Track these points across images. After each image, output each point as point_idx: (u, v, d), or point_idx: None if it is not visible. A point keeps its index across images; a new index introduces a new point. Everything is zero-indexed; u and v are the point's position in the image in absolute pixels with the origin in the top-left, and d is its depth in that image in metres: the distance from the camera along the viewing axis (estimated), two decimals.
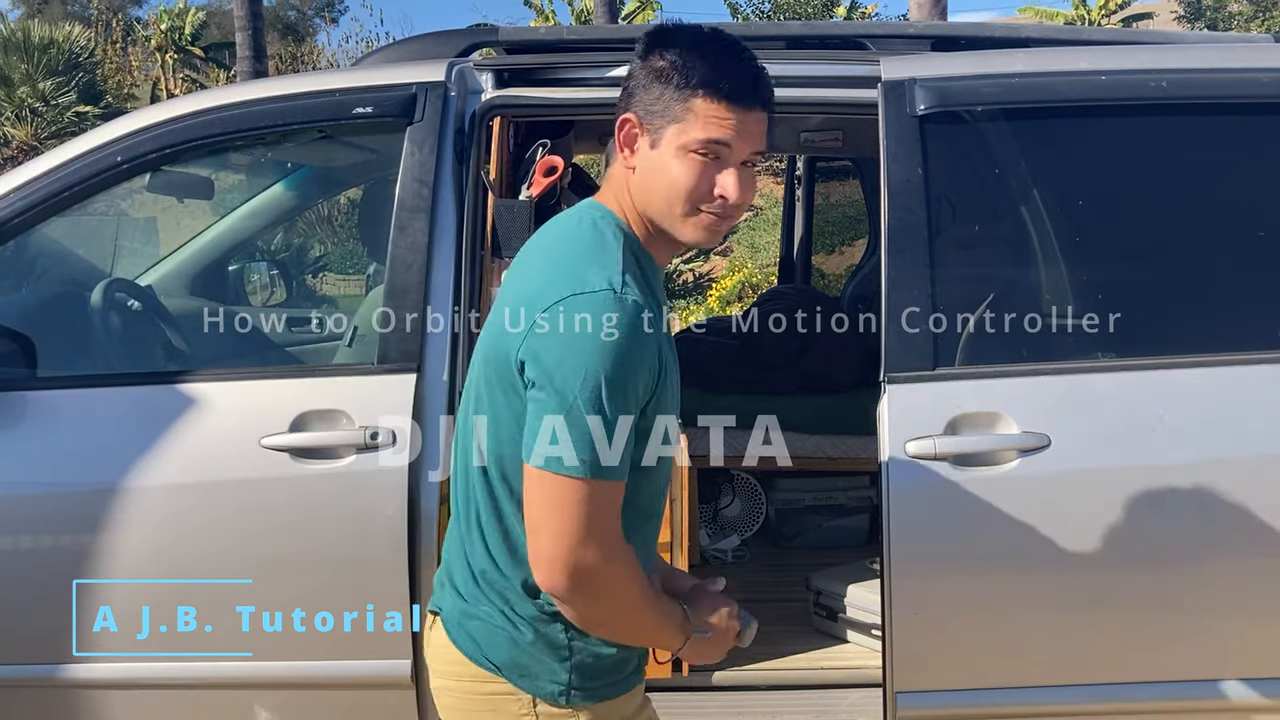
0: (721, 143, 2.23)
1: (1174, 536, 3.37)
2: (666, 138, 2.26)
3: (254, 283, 5.72)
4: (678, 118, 2.25)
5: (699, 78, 2.23)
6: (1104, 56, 3.74)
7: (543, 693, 2.33)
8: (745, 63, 2.27)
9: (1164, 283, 3.64)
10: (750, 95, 2.24)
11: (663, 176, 2.26)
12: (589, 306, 2.15)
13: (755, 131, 2.26)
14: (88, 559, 3.45)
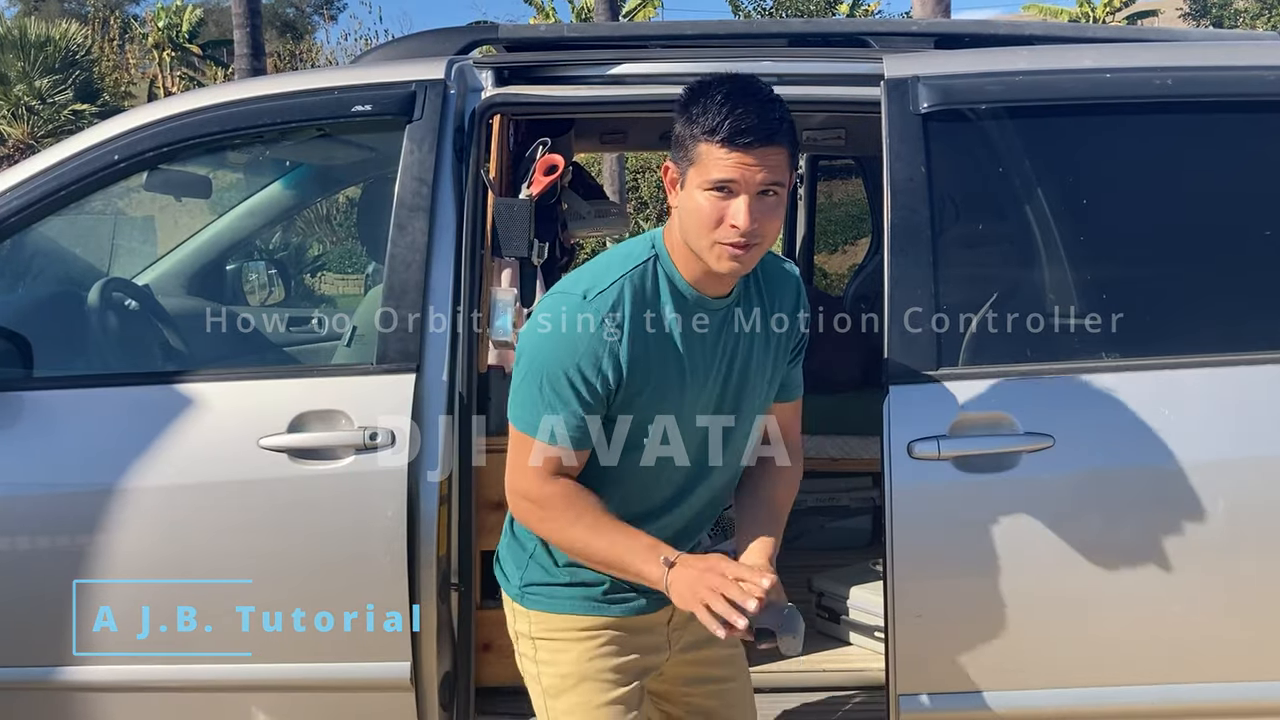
0: (728, 180, 2.55)
1: (1180, 538, 3.36)
2: (689, 179, 2.62)
3: (252, 282, 5.73)
4: (694, 161, 2.60)
5: (703, 126, 2.57)
6: (1108, 54, 3.74)
7: (510, 591, 2.99)
8: (748, 108, 2.54)
9: (1169, 282, 3.64)
10: (749, 137, 2.53)
11: (690, 213, 2.62)
12: (547, 304, 2.74)
13: (764, 166, 2.55)
14: (85, 560, 3.45)
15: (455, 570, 3.60)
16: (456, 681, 3.64)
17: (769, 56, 3.86)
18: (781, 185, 2.59)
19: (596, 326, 2.65)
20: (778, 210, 2.62)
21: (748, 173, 2.54)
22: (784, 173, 2.60)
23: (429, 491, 3.46)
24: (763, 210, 2.58)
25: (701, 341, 2.78)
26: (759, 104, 2.57)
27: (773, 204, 2.60)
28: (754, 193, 2.56)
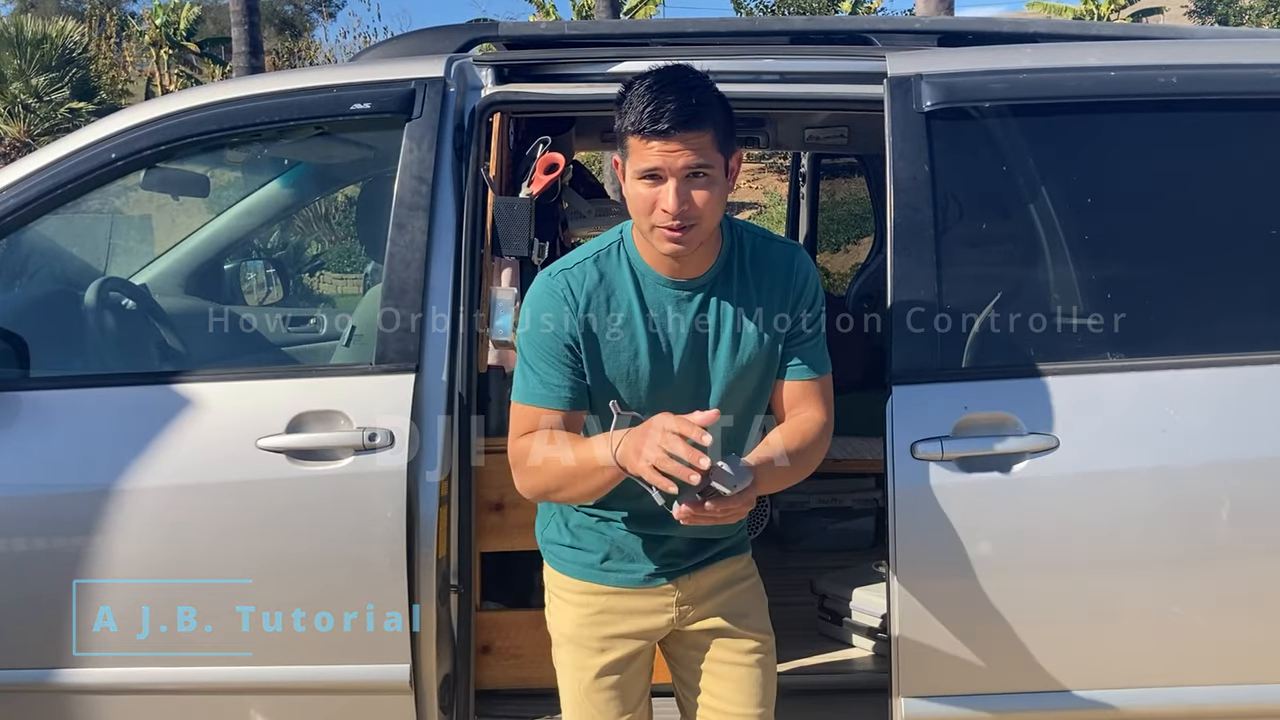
0: (653, 169, 2.73)
1: (1185, 539, 3.37)
2: (627, 170, 2.82)
3: (250, 282, 5.73)
4: (628, 153, 2.79)
5: (626, 122, 2.75)
6: (1113, 52, 3.73)
7: (539, 542, 3.20)
8: (666, 97, 2.70)
9: (1174, 282, 3.64)
10: (665, 124, 2.69)
11: (631, 201, 2.81)
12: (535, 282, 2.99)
13: (686, 150, 2.71)
14: (83, 562, 3.45)
15: (455, 572, 3.60)
16: (456, 684, 3.64)
17: (771, 54, 3.87)
18: (709, 166, 2.74)
19: (561, 290, 2.90)
20: (712, 189, 2.76)
21: (670, 159, 2.71)
22: (710, 154, 2.74)
23: (428, 492, 3.46)
24: (693, 191, 2.74)
25: (666, 317, 2.93)
26: (679, 92, 2.72)
27: (703, 184, 2.74)
28: (681, 177, 2.72)
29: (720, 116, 2.78)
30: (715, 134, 2.75)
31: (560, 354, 2.90)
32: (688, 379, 2.95)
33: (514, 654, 3.84)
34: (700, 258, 2.91)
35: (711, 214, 2.79)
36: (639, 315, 2.92)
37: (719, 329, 2.94)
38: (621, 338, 2.92)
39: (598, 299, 2.91)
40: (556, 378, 2.91)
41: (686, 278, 2.92)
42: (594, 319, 2.91)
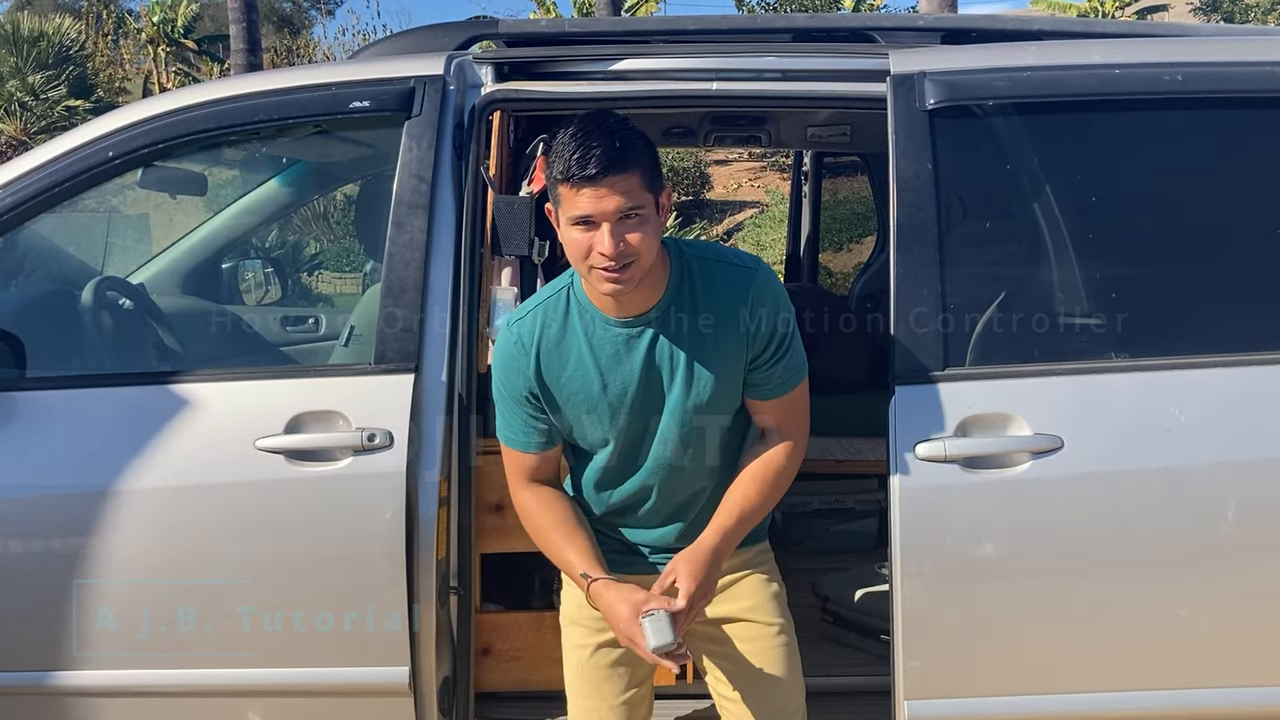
0: (584, 215, 2.84)
1: (1191, 541, 3.36)
2: (560, 218, 2.92)
3: (248, 281, 5.74)
4: (559, 202, 2.89)
5: (555, 171, 2.86)
6: (1118, 50, 3.73)
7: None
8: (589, 145, 2.81)
9: (1179, 281, 3.64)
10: (591, 170, 2.79)
11: (567, 247, 2.91)
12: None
13: (615, 194, 2.81)
14: (81, 563, 3.45)
15: (454, 573, 3.60)
16: (455, 686, 3.64)
17: (773, 52, 3.87)
18: (640, 207, 2.85)
19: (514, 347, 3.08)
20: (644, 228, 2.86)
21: (600, 204, 2.82)
22: (639, 194, 2.85)
23: (428, 493, 3.46)
24: (627, 232, 2.84)
25: (617, 357, 3.04)
26: (603, 137, 2.83)
27: (636, 224, 2.84)
28: (613, 220, 2.82)
29: (645, 157, 2.88)
30: (642, 174, 2.86)
31: (522, 403, 3.11)
32: (649, 413, 3.09)
33: (514, 656, 3.84)
34: (645, 294, 3.00)
35: (647, 251, 2.88)
36: (589, 357, 3.05)
37: (673, 364, 3.05)
38: (574, 381, 3.06)
39: (548, 345, 3.06)
40: (524, 425, 3.13)
41: (633, 314, 3.02)
42: (546, 366, 3.06)
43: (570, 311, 3.08)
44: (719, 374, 3.05)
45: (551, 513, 3.13)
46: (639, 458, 3.14)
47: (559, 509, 3.14)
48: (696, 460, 3.14)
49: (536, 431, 3.14)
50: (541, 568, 4.03)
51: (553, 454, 3.19)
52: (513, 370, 3.09)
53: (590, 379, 3.05)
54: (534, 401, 3.10)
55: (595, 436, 3.13)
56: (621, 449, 3.13)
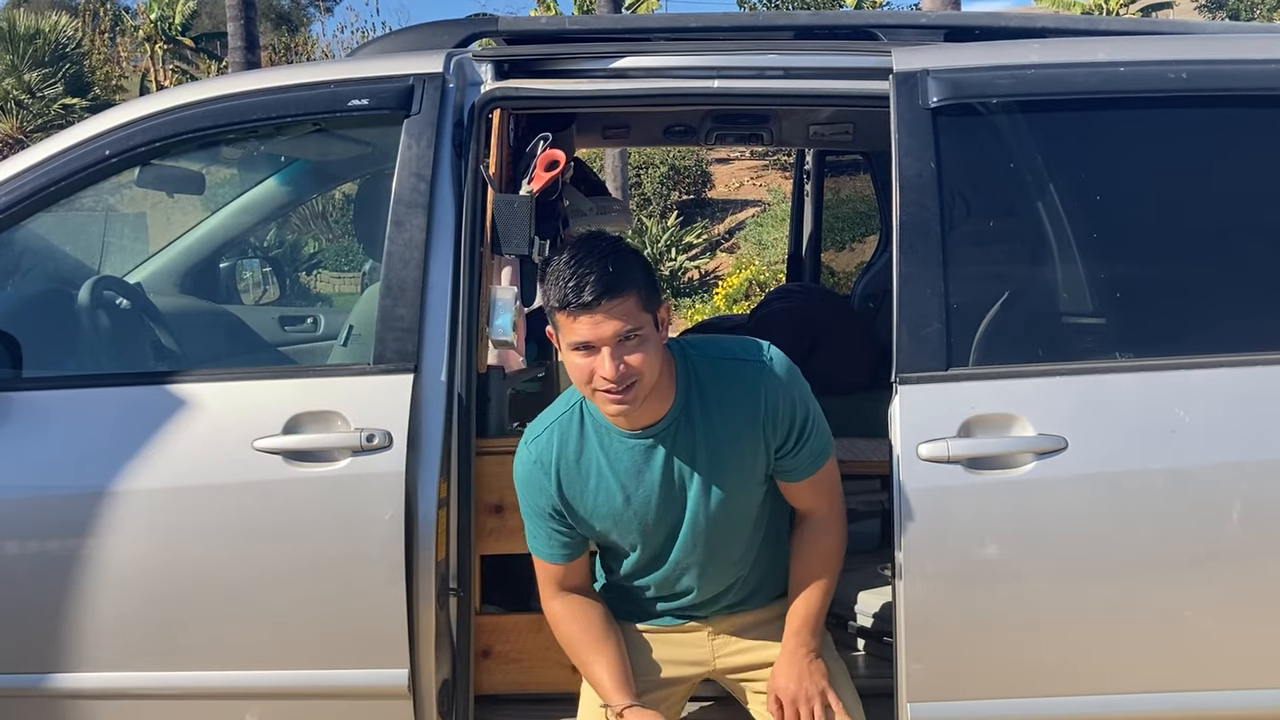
0: (583, 342, 2.93)
1: (1196, 542, 3.36)
2: (561, 344, 3.01)
3: (246, 280, 5.74)
4: (558, 328, 2.99)
5: (551, 301, 2.96)
6: (1122, 47, 3.73)
7: None
8: (583, 272, 2.89)
9: (1184, 280, 3.64)
10: (585, 302, 2.88)
11: (570, 371, 3.01)
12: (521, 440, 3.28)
13: (612, 318, 2.90)
14: (77, 565, 3.45)
15: (454, 575, 3.60)
16: (455, 688, 3.64)
17: (775, 49, 3.87)
18: (638, 328, 2.94)
19: (533, 466, 3.21)
20: (645, 347, 2.95)
21: (598, 330, 2.90)
22: (637, 315, 2.94)
23: (427, 494, 3.46)
24: (627, 354, 2.93)
25: (637, 468, 3.15)
26: (596, 261, 2.91)
27: (635, 345, 2.93)
28: (613, 344, 2.91)
29: (640, 277, 2.98)
30: (638, 295, 2.95)
31: (546, 519, 3.24)
32: (674, 519, 3.20)
33: (514, 658, 3.83)
34: (655, 404, 3.08)
35: (650, 371, 2.97)
36: (609, 473, 3.16)
37: (692, 470, 3.16)
38: (598, 496, 3.18)
39: (566, 464, 3.18)
40: (549, 538, 3.27)
41: (645, 426, 3.12)
42: (568, 485, 3.18)
43: (585, 427, 3.18)
44: (739, 473, 3.16)
45: (579, 623, 3.28)
46: (668, 556, 3.28)
47: (587, 619, 3.29)
48: (727, 555, 3.28)
49: (562, 544, 3.27)
50: None
51: (580, 562, 3.33)
52: (534, 489, 3.22)
53: (613, 493, 3.16)
54: (558, 517, 3.22)
55: (624, 544, 3.27)
56: (651, 552, 3.27)
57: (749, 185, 25.72)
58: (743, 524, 3.26)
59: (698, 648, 3.40)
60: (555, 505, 3.21)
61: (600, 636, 3.27)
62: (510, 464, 3.45)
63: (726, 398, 3.15)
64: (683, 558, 3.27)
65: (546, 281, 2.98)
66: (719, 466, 3.15)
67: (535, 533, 3.30)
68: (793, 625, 3.27)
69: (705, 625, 3.40)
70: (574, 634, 3.28)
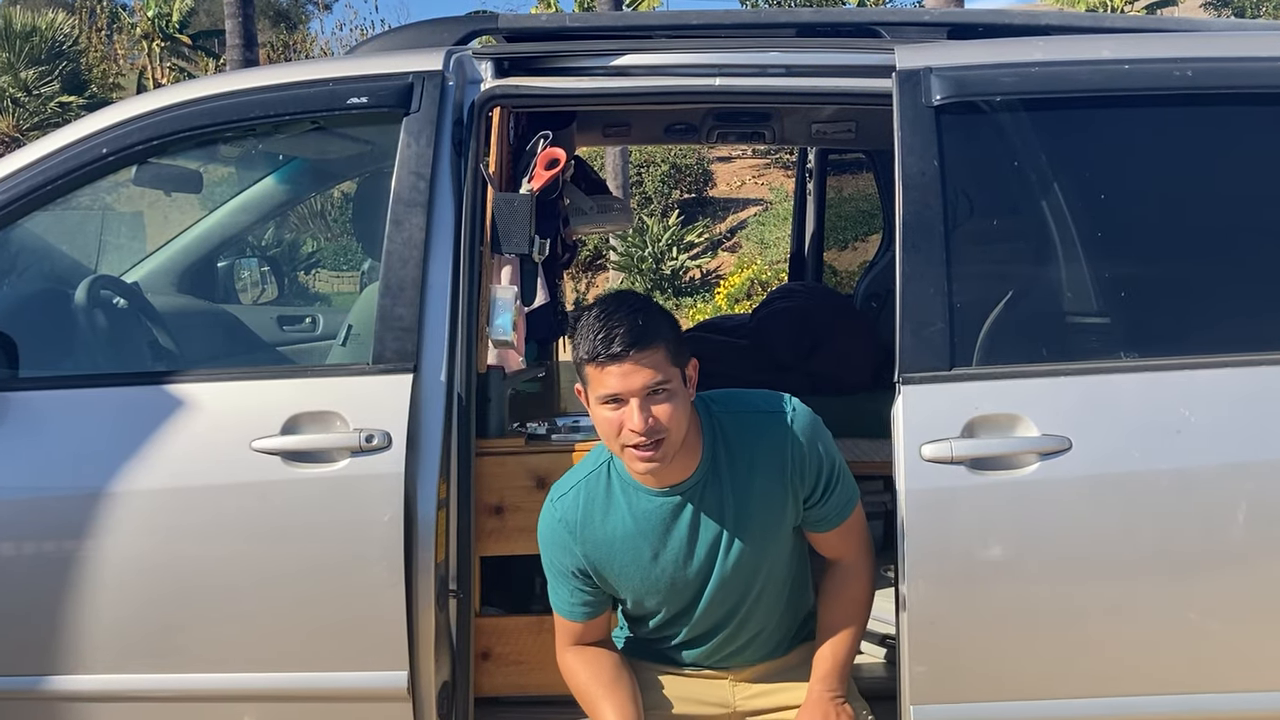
0: (612, 394, 2.98)
1: (1201, 543, 3.36)
2: (589, 398, 3.06)
3: (244, 280, 5.75)
4: (587, 382, 3.05)
5: (580, 354, 3.02)
6: (1127, 45, 3.74)
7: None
8: (612, 325, 2.96)
9: (1189, 280, 3.64)
10: (614, 353, 2.94)
11: (598, 426, 3.07)
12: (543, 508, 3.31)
13: (641, 370, 2.96)
14: (74, 566, 3.45)
15: (454, 576, 3.60)
16: (455, 691, 3.64)
17: (776, 47, 3.86)
18: (666, 381, 2.98)
19: (558, 525, 3.22)
20: (673, 401, 3.00)
21: (627, 382, 2.95)
22: (665, 369, 2.99)
23: (427, 495, 3.46)
24: (655, 406, 2.97)
25: (664, 526, 3.17)
26: (626, 315, 2.98)
27: (664, 399, 2.98)
28: (641, 396, 2.96)
29: (669, 332, 3.03)
30: (667, 349, 3.00)
31: (569, 578, 3.26)
32: (702, 576, 3.21)
33: (514, 660, 3.83)
34: (683, 461, 3.12)
35: (677, 426, 3.01)
36: (636, 531, 3.18)
37: (720, 527, 3.18)
38: (625, 556, 3.19)
39: (592, 523, 3.20)
40: (570, 596, 3.28)
41: (673, 484, 3.15)
42: (593, 545, 3.20)
43: (611, 486, 3.20)
44: (767, 527, 3.19)
45: (591, 669, 3.29)
46: (694, 611, 3.28)
47: (599, 665, 3.30)
48: (755, 608, 3.29)
49: (584, 603, 3.29)
50: (542, 571, 4.03)
51: (599, 621, 3.34)
52: (559, 548, 3.24)
53: (641, 551, 3.18)
54: (582, 576, 3.25)
55: (650, 604, 3.29)
56: (678, 608, 3.29)
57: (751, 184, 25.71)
58: (771, 577, 3.28)
59: (719, 690, 3.40)
60: (580, 565, 3.23)
61: (612, 682, 3.27)
62: (510, 464, 3.46)
63: (753, 452, 3.18)
64: (710, 612, 3.28)
65: (576, 336, 3.05)
66: (747, 521, 3.18)
67: (557, 590, 3.31)
68: (820, 670, 3.28)
69: (728, 672, 3.41)
70: (586, 681, 3.28)
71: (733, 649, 3.36)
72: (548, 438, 3.95)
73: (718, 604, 3.25)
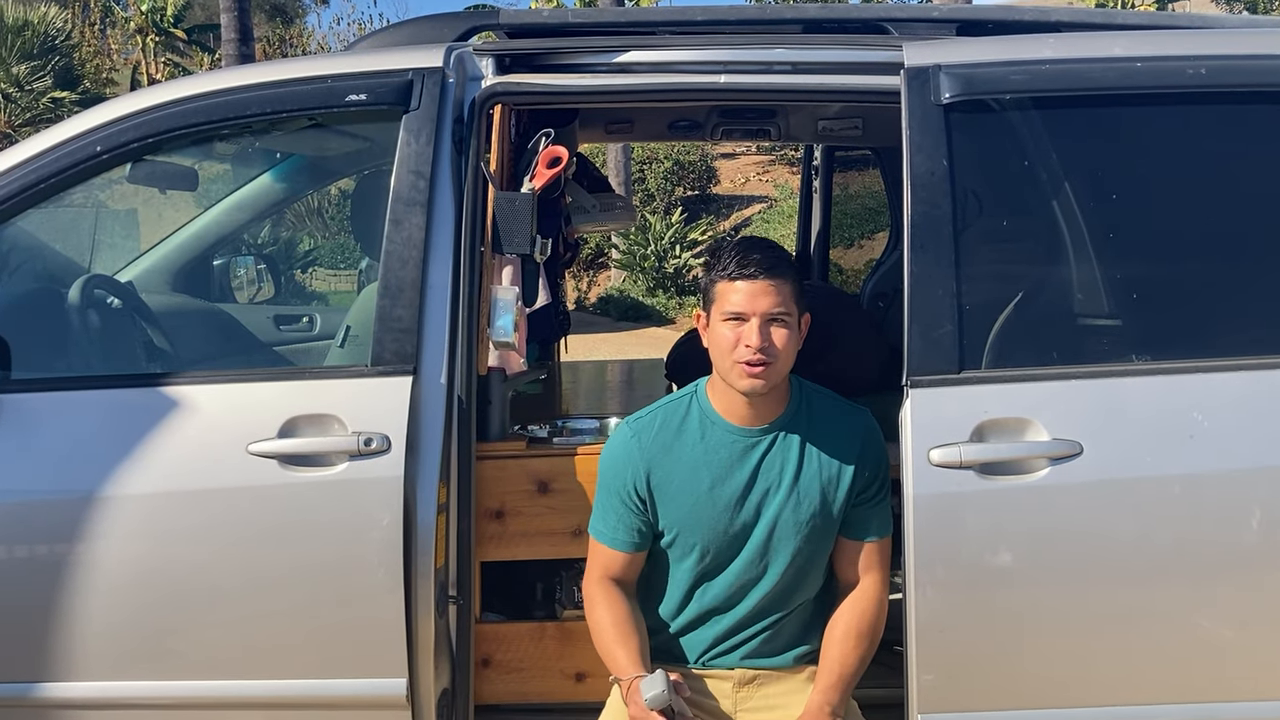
0: (739, 311, 3.19)
1: (1213, 549, 3.36)
2: (712, 317, 3.28)
3: (240, 279, 5.74)
4: (714, 300, 3.27)
5: (715, 271, 3.27)
6: (1139, 42, 3.74)
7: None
8: (751, 251, 3.23)
9: (1202, 281, 3.64)
10: (751, 268, 3.19)
11: (714, 343, 3.28)
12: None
13: (768, 294, 3.19)
14: (65, 571, 3.45)
15: (453, 582, 3.60)
16: (455, 699, 3.64)
17: (783, 44, 3.86)
18: (788, 314, 3.21)
19: (628, 439, 3.37)
20: (789, 332, 3.22)
21: (754, 301, 3.18)
22: (790, 302, 3.22)
23: (426, 500, 3.46)
24: (774, 329, 3.20)
25: (730, 462, 3.31)
26: (763, 248, 3.26)
27: (781, 326, 3.21)
28: (763, 318, 3.18)
29: (795, 276, 3.25)
30: (793, 287, 3.23)
31: (622, 499, 3.36)
32: (746, 527, 3.32)
33: (515, 668, 3.84)
34: (768, 406, 3.32)
35: (787, 356, 3.23)
36: (702, 458, 3.33)
37: (781, 478, 3.31)
38: (684, 477, 3.32)
39: (664, 440, 3.36)
40: (617, 522, 3.37)
41: (753, 425, 3.32)
42: (658, 459, 3.34)
43: (690, 413, 3.39)
44: (824, 497, 3.30)
45: (612, 613, 3.34)
46: (727, 565, 3.36)
47: (620, 611, 3.35)
48: (781, 584, 3.35)
49: (628, 529, 3.37)
50: (544, 576, 4.03)
51: (636, 558, 3.41)
52: (621, 464, 3.37)
53: (701, 478, 3.31)
54: (635, 498, 3.34)
55: (689, 539, 3.35)
56: (714, 560, 3.35)
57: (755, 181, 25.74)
58: (809, 564, 3.33)
59: (723, 697, 3.40)
60: (637, 484, 3.33)
61: (628, 628, 3.31)
62: (511, 468, 3.46)
63: (833, 426, 3.36)
64: (742, 572, 3.33)
65: (712, 258, 3.31)
66: (809, 481, 3.29)
67: (606, 514, 3.39)
68: (823, 683, 3.30)
69: (731, 674, 3.40)
70: (604, 619, 3.33)
71: (745, 635, 3.39)
72: (549, 441, 3.96)
73: (753, 563, 3.33)
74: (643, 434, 3.37)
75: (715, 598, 3.37)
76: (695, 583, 3.38)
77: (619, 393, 6.44)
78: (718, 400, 3.35)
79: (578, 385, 6.34)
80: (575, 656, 3.83)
